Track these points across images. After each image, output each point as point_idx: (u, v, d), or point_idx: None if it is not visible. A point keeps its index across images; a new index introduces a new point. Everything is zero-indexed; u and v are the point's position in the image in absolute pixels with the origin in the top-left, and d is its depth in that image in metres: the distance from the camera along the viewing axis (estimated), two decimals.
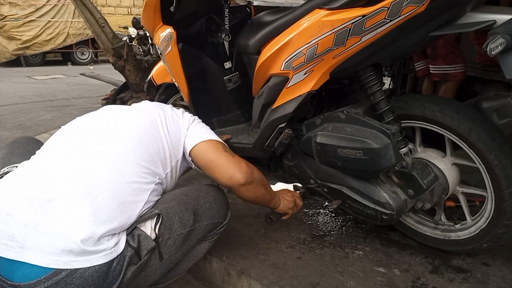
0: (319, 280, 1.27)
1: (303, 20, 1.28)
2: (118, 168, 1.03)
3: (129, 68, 3.44)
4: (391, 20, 1.09)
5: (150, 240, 1.01)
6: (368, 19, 1.11)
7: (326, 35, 1.19)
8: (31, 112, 4.38)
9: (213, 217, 1.19)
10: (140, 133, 1.15)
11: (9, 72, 8.36)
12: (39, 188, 0.95)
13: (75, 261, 0.88)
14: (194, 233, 1.14)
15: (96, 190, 0.97)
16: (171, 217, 1.08)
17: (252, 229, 1.61)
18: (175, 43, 1.69)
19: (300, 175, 1.49)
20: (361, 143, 1.21)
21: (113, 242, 0.95)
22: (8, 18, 9.24)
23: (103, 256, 0.91)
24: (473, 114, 1.22)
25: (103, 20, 3.41)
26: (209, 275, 1.45)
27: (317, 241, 1.51)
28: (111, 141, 1.09)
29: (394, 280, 1.28)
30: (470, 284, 1.26)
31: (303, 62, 1.28)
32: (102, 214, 0.94)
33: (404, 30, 1.13)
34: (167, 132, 1.21)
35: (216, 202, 1.21)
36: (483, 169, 1.23)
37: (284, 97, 1.39)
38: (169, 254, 1.07)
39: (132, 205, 1.02)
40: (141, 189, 1.07)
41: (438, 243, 1.42)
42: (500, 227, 1.24)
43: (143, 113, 1.24)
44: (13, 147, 1.34)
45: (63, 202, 0.93)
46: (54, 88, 6.30)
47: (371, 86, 1.32)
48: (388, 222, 1.30)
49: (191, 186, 1.27)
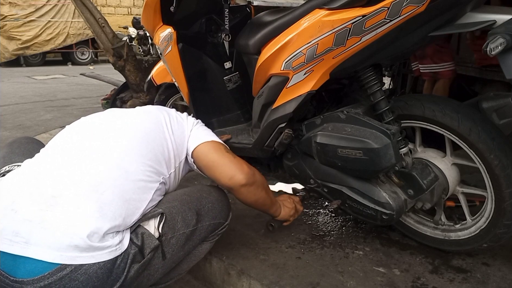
0: (319, 280, 1.27)
1: (303, 20, 1.28)
2: (123, 166, 1.04)
3: (129, 68, 3.44)
4: (391, 20, 1.09)
5: (153, 238, 1.01)
6: (368, 19, 1.11)
7: (326, 35, 1.19)
8: (31, 112, 4.38)
9: (215, 217, 1.20)
10: (145, 133, 1.16)
11: (9, 72, 8.36)
12: (44, 184, 0.96)
13: (80, 256, 0.88)
14: (196, 233, 1.14)
15: (102, 187, 0.98)
16: (174, 216, 1.08)
17: (252, 229, 1.61)
18: (175, 43, 1.69)
19: (300, 175, 1.49)
20: (361, 143, 1.21)
21: (118, 239, 0.95)
22: (8, 18, 9.25)
23: (108, 252, 0.91)
24: (473, 114, 1.22)
25: (103, 20, 3.42)
26: (209, 275, 1.45)
27: (317, 241, 1.52)
28: (116, 140, 1.10)
29: (394, 280, 1.28)
30: (470, 284, 1.26)
31: (303, 62, 1.28)
32: (107, 211, 0.95)
33: (404, 30, 1.13)
34: (172, 133, 1.22)
35: (218, 203, 1.22)
36: (483, 169, 1.23)
37: (284, 97, 1.39)
38: (172, 253, 1.08)
39: (137, 203, 1.03)
40: (146, 187, 1.08)
41: (438, 243, 1.42)
42: (500, 227, 1.24)
43: (148, 114, 1.26)
44: (14, 146, 1.34)
45: (68, 199, 0.93)
46: (54, 88, 6.30)
47: (371, 86, 1.32)
48: (388, 222, 1.30)
49: (193, 187, 1.27)
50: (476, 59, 2.59)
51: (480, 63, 2.59)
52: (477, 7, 1.10)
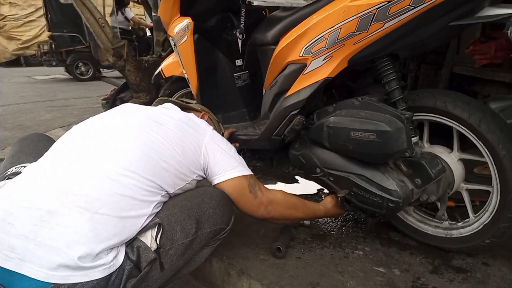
0: (319, 280, 1.27)
1: (328, 6, 1.31)
2: (121, 181, 0.99)
3: (129, 68, 3.45)
4: (415, 7, 1.11)
5: (150, 251, 0.98)
6: (393, 5, 1.13)
7: (350, 19, 1.22)
8: (31, 112, 4.38)
9: (216, 223, 1.16)
10: (149, 148, 1.09)
11: (9, 72, 8.36)
12: (42, 198, 0.93)
13: (73, 275, 0.87)
14: (196, 241, 1.10)
15: (97, 204, 0.94)
16: (173, 226, 1.04)
17: (252, 229, 1.61)
18: (192, 33, 1.72)
19: (306, 164, 1.49)
20: (374, 126, 1.23)
21: (112, 256, 0.92)
22: (8, 18, 9.27)
23: (101, 270, 0.90)
24: (483, 106, 1.26)
25: (103, 20, 3.42)
26: (209, 275, 1.45)
27: (317, 241, 1.52)
28: (117, 152, 1.05)
29: (394, 280, 1.28)
30: (470, 284, 1.26)
31: (323, 47, 1.30)
32: (102, 231, 0.92)
33: (426, 19, 1.15)
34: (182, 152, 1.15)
35: (219, 208, 1.17)
36: (490, 161, 1.25)
37: (299, 84, 1.41)
38: (171, 263, 1.04)
39: (135, 220, 0.99)
40: (146, 202, 1.03)
41: (440, 241, 1.43)
42: (504, 221, 1.25)
43: (161, 126, 1.17)
44: (23, 144, 1.32)
45: (63, 215, 0.91)
46: (54, 88, 6.31)
47: (388, 75, 1.34)
48: (394, 210, 1.31)
49: (195, 190, 1.22)
50: (476, 59, 2.60)
51: (480, 63, 2.60)
52: (495, 4, 1.14)
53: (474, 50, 2.50)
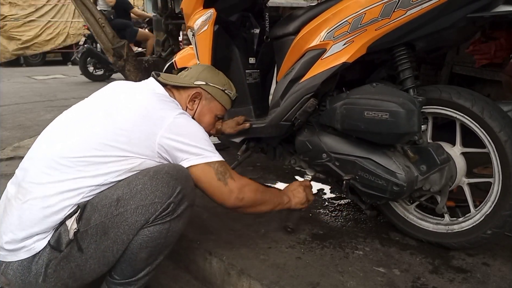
0: (319, 280, 1.27)
1: None
2: (51, 173, 1.07)
3: (129, 68, 3.45)
4: None
5: (67, 234, 1.05)
6: None
7: (376, 5, 1.27)
8: (31, 112, 4.38)
9: (144, 198, 1.07)
10: (89, 135, 1.11)
11: (9, 72, 8.35)
12: (13, 181, 1.15)
13: (8, 255, 1.07)
14: (120, 219, 1.06)
15: (27, 195, 1.07)
16: (95, 206, 1.07)
17: (252, 229, 1.61)
18: (213, 23, 1.76)
19: (312, 150, 1.52)
20: (388, 105, 1.27)
21: (33, 240, 1.05)
22: (8, 18, 9.24)
23: (24, 251, 1.05)
24: (485, 97, 1.33)
25: (103, 20, 3.42)
26: (209, 275, 1.45)
27: (317, 241, 1.52)
28: (53, 146, 1.12)
29: (394, 280, 1.28)
30: (470, 284, 1.26)
31: (346, 32, 1.34)
32: (25, 219, 1.05)
33: (446, 9, 1.20)
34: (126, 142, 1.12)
35: (152, 181, 1.08)
36: (492, 148, 1.29)
37: (316, 69, 1.44)
38: (95, 243, 1.06)
39: (60, 211, 1.06)
40: (76, 193, 1.07)
41: (441, 237, 1.43)
42: (506, 209, 1.26)
43: (108, 118, 1.16)
44: None
45: (6, 204, 1.11)
46: (54, 88, 6.30)
47: (403, 63, 1.37)
48: (397, 194, 1.34)
49: (142, 170, 1.14)
50: (476, 59, 2.60)
51: (480, 63, 2.60)
52: (508, 3, 1.18)
53: (474, 50, 2.51)
